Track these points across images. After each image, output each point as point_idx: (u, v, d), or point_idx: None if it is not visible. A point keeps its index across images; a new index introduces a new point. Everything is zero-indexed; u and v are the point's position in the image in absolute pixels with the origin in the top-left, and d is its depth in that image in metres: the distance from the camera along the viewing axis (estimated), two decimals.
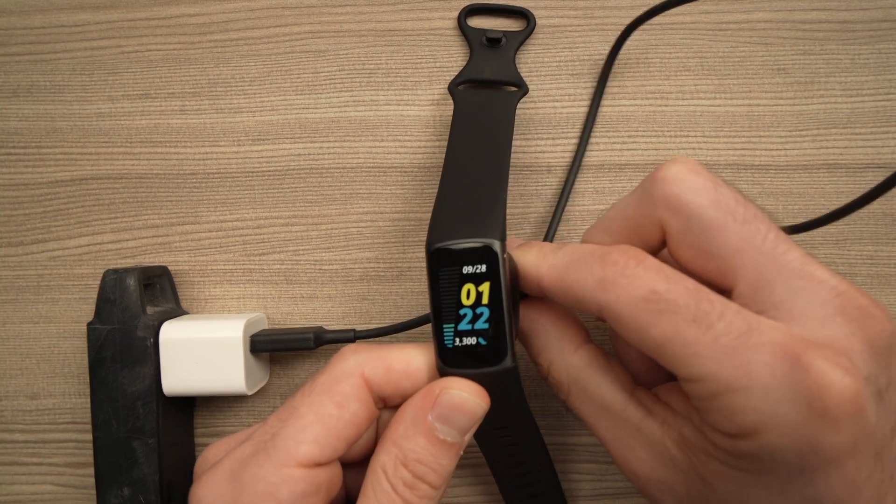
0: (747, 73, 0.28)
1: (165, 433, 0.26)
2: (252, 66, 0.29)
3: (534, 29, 0.29)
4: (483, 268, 0.20)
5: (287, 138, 0.29)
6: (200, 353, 0.26)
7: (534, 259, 0.21)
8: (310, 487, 0.19)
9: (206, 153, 0.29)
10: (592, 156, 0.28)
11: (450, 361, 0.20)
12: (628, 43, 0.28)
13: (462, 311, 0.20)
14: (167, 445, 0.26)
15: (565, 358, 0.22)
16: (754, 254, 0.18)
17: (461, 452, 0.21)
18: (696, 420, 0.19)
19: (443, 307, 0.20)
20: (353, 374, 0.20)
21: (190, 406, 0.29)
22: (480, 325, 0.20)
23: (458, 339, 0.20)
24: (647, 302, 0.18)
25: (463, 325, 0.20)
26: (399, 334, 0.27)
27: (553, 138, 0.28)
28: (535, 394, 0.28)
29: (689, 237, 0.19)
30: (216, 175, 0.29)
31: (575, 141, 0.28)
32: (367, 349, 0.21)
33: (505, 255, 0.20)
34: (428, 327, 0.21)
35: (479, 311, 0.20)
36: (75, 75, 0.30)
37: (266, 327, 0.29)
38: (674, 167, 0.20)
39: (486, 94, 0.27)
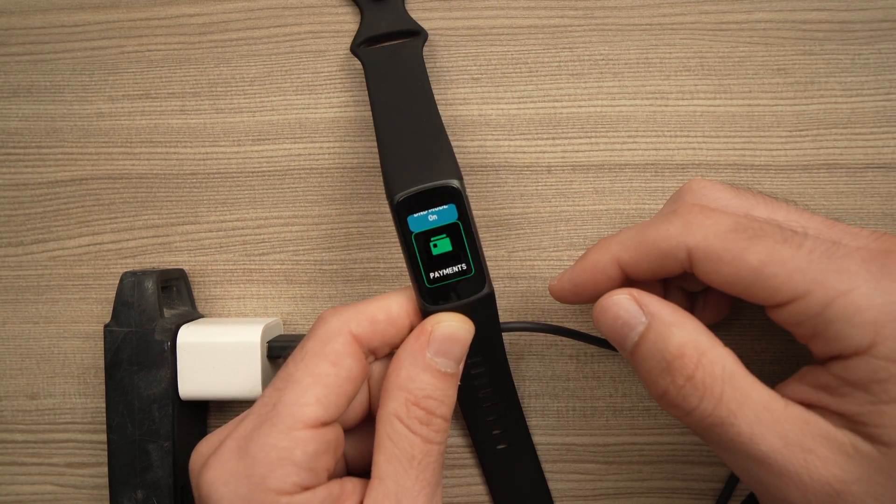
0: (747, 73, 0.28)
1: (180, 436, 0.26)
2: (252, 66, 0.29)
3: None
4: (449, 207, 0.21)
5: (287, 138, 0.29)
6: (218, 357, 0.26)
7: (614, 244, 0.22)
8: (321, 446, 0.20)
9: (206, 153, 0.29)
10: (592, 156, 0.28)
11: (432, 300, 0.21)
12: (628, 43, 0.28)
13: (436, 252, 0.21)
14: (182, 448, 0.26)
15: (719, 348, 0.19)
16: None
17: (459, 382, 0.22)
18: (839, 386, 0.18)
19: (418, 251, 0.21)
20: (340, 332, 0.21)
21: (203, 409, 0.29)
22: (456, 260, 0.21)
23: (437, 278, 0.21)
24: (736, 231, 0.19)
25: (440, 264, 0.21)
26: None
27: (553, 138, 0.28)
28: (535, 394, 0.28)
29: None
30: (216, 175, 0.29)
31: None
32: (345, 308, 0.22)
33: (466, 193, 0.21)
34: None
35: (452, 248, 0.21)
36: (75, 75, 0.30)
37: (281, 332, 0.29)
38: (693, 182, 0.22)
39: (390, 48, 0.28)
